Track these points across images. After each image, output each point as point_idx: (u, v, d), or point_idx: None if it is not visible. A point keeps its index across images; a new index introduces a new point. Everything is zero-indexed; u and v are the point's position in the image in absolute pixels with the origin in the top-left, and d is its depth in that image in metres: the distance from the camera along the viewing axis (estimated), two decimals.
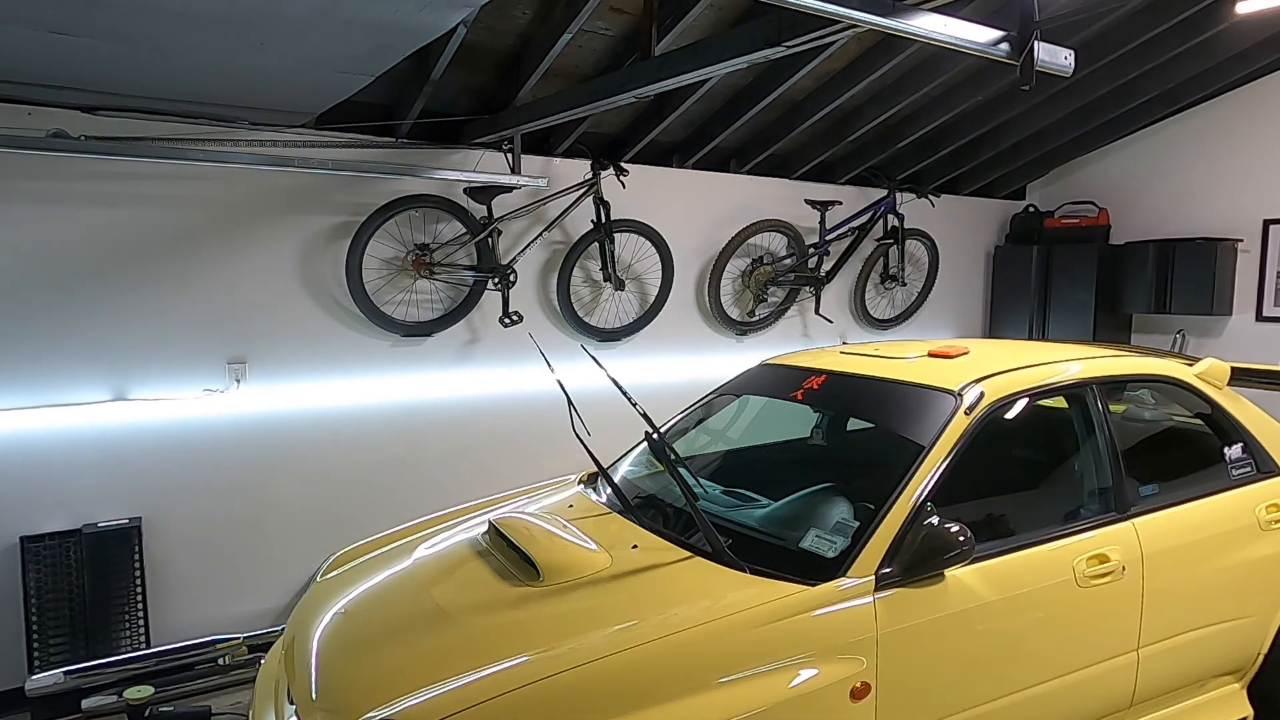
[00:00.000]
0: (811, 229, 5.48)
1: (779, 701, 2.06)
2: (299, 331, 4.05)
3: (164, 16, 2.40)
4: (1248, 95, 5.64)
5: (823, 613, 2.21)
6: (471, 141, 4.23)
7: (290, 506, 4.09)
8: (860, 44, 4.13)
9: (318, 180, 3.99)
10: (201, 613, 3.88)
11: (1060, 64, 2.73)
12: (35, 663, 3.44)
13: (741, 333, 5.45)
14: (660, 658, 2.06)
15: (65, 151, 3.34)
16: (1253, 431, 3.10)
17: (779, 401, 3.32)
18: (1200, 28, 4.48)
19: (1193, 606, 2.83)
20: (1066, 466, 3.05)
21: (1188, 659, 2.86)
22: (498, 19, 3.53)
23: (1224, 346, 5.76)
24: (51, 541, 3.54)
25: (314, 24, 2.51)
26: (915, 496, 2.40)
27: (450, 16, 2.60)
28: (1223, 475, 3.00)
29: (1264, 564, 2.94)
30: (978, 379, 2.71)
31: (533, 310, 4.68)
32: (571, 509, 3.00)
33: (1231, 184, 5.78)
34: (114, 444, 3.67)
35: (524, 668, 2.02)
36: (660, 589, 2.34)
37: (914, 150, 5.53)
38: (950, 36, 2.55)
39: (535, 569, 2.43)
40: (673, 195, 5.07)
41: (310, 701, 2.20)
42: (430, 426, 4.43)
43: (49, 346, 3.52)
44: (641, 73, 3.17)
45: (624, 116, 4.56)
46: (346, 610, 2.55)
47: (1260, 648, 3.01)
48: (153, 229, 3.68)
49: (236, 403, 3.91)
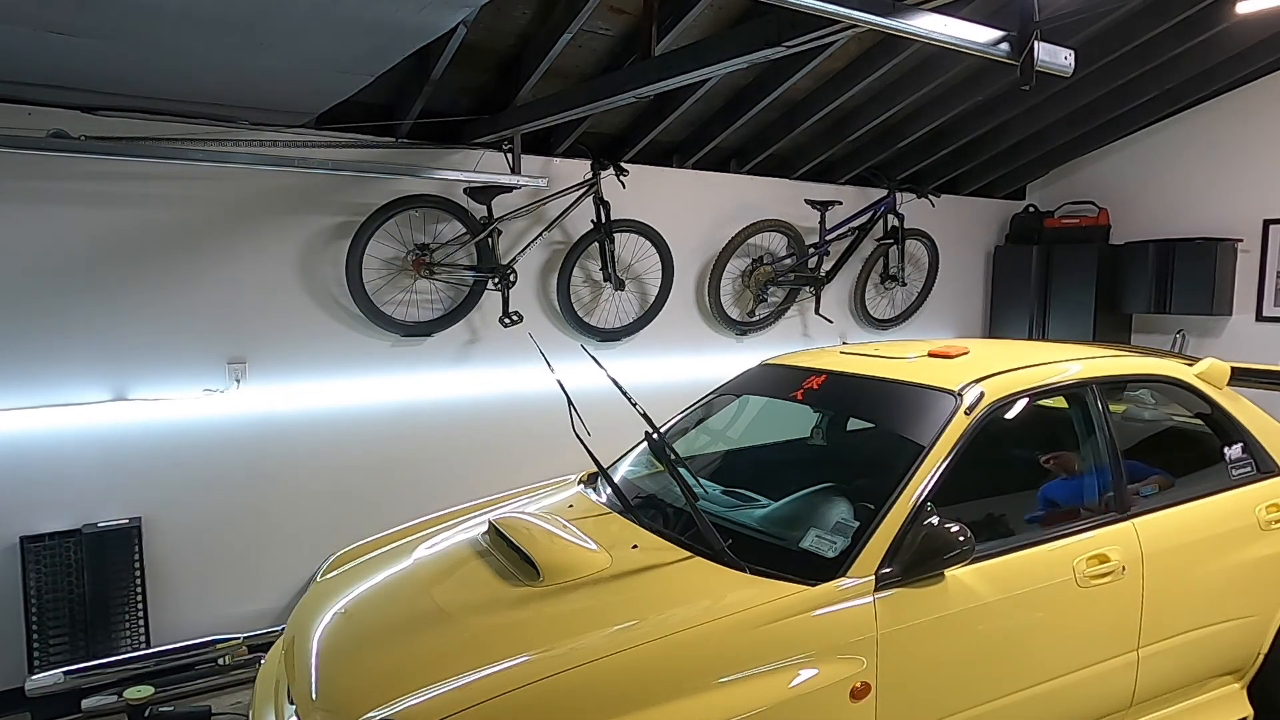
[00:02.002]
0: (811, 229, 5.48)
1: (779, 701, 2.06)
2: (299, 331, 4.05)
3: (164, 16, 2.40)
4: (1247, 95, 5.64)
5: (823, 613, 2.21)
6: (471, 141, 4.23)
7: (290, 506, 4.09)
8: (860, 44, 4.13)
9: (318, 180, 3.99)
10: (201, 613, 3.88)
11: (1060, 64, 2.73)
12: (35, 663, 3.44)
13: (741, 333, 5.45)
14: (660, 658, 2.06)
15: (65, 151, 3.34)
16: (1253, 431, 3.10)
17: (779, 401, 3.32)
18: (1200, 28, 4.48)
19: (1193, 606, 2.83)
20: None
21: (1188, 659, 2.86)
22: (498, 19, 3.53)
23: (1224, 346, 5.76)
24: (51, 541, 3.54)
25: (314, 24, 2.51)
26: (915, 496, 2.40)
27: (450, 16, 2.60)
28: (1223, 475, 3.01)
29: (1264, 564, 2.94)
30: (978, 379, 2.71)
31: (533, 310, 4.68)
32: (571, 509, 3.00)
33: (1231, 184, 5.78)
34: (114, 444, 3.67)
35: (524, 668, 2.02)
36: (660, 589, 2.34)
37: (914, 150, 5.53)
38: (950, 36, 2.55)
39: (535, 569, 2.43)
40: (673, 195, 5.07)
41: (310, 701, 2.20)
42: (430, 426, 4.43)
43: (49, 346, 3.52)
44: (641, 73, 3.17)
45: (624, 116, 4.56)
46: (346, 610, 2.55)
47: (1260, 648, 3.01)
48: (153, 229, 3.68)
49: (236, 403, 3.91)
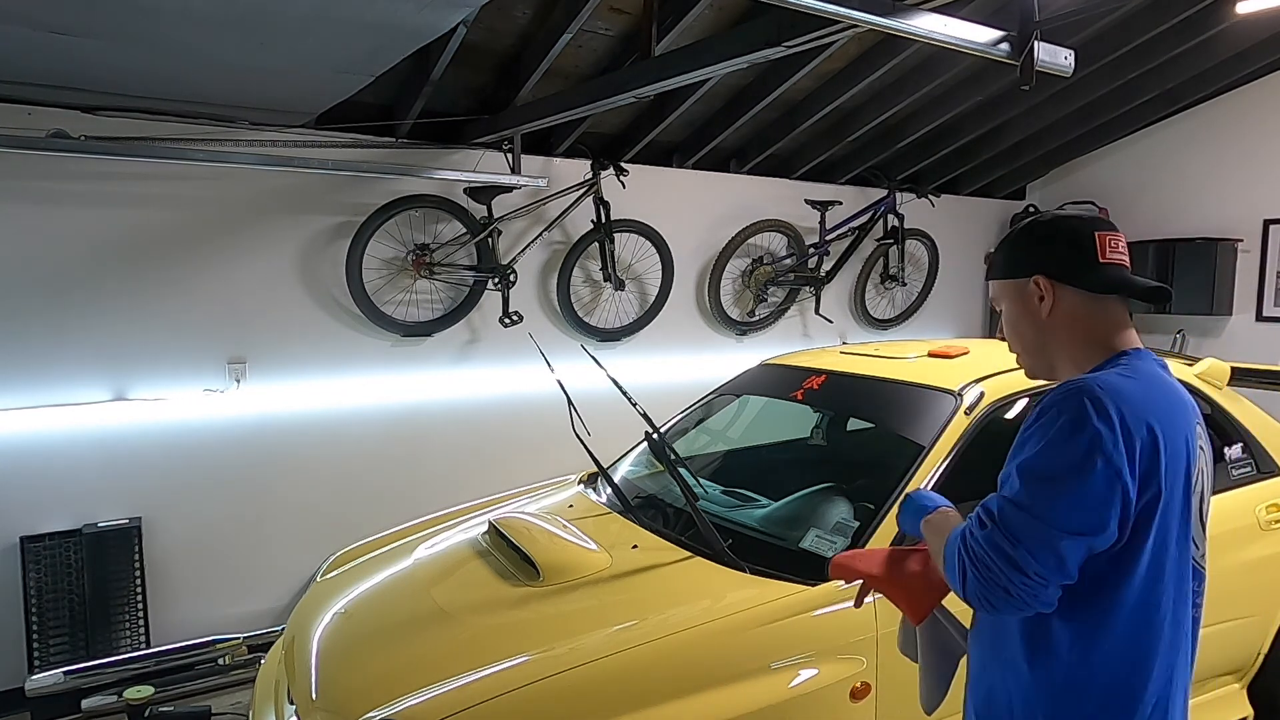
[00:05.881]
0: (811, 229, 5.48)
1: (779, 701, 2.06)
2: (299, 331, 4.05)
3: (164, 16, 2.40)
4: (1247, 95, 5.64)
5: (823, 613, 2.21)
6: (471, 141, 4.23)
7: (290, 506, 4.09)
8: (860, 44, 4.13)
9: (318, 180, 3.99)
10: (201, 613, 3.88)
11: (1060, 64, 2.73)
12: (35, 663, 3.44)
13: (741, 333, 5.45)
14: (660, 658, 2.06)
15: (65, 151, 3.34)
16: (1253, 431, 3.10)
17: (779, 401, 3.32)
18: (1200, 28, 4.47)
19: None
20: None
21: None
22: (498, 19, 3.53)
23: (1224, 346, 5.76)
24: (51, 541, 3.53)
25: (314, 24, 2.52)
26: None
27: (450, 16, 2.60)
28: (1222, 475, 3.00)
29: (1264, 564, 2.94)
30: (978, 379, 2.71)
31: (533, 310, 4.68)
32: (571, 509, 3.00)
33: (1231, 184, 5.78)
34: (114, 444, 3.67)
35: (524, 668, 2.02)
36: (660, 589, 2.34)
37: (914, 150, 5.52)
38: (950, 36, 2.55)
39: (535, 569, 2.43)
40: (673, 195, 5.07)
41: (310, 701, 2.20)
42: (430, 426, 4.43)
43: (49, 346, 3.52)
44: (641, 73, 3.17)
45: (624, 116, 4.55)
46: (346, 610, 2.55)
47: (1260, 648, 3.01)
48: (153, 229, 3.68)
49: (236, 403, 3.91)
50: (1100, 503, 1.27)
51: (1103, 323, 1.44)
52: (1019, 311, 1.50)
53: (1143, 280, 1.46)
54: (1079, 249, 1.44)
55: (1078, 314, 1.45)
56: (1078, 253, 1.44)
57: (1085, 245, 1.44)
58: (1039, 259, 1.47)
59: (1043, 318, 1.47)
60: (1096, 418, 1.28)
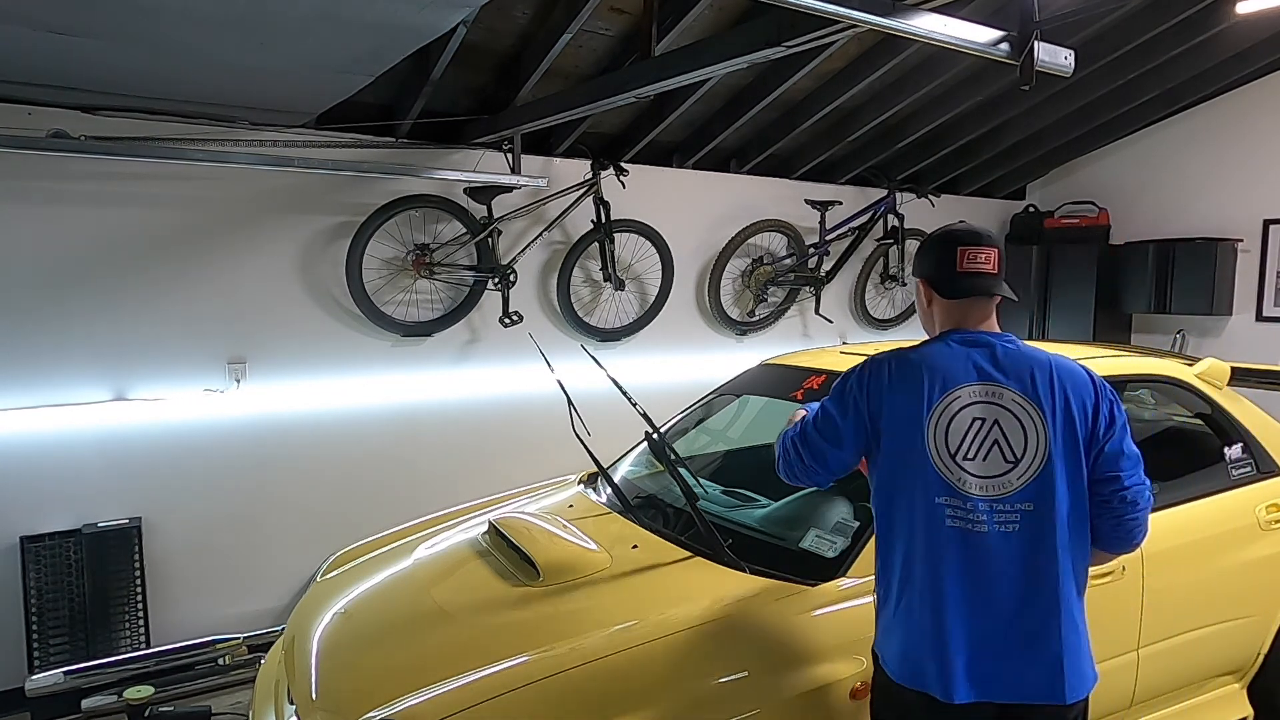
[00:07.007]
0: (811, 229, 5.48)
1: (779, 701, 2.06)
2: (299, 331, 4.05)
3: (164, 16, 2.40)
4: (1247, 95, 5.64)
5: (822, 613, 2.21)
6: (471, 141, 4.23)
7: (290, 506, 4.09)
8: (860, 44, 4.13)
9: (318, 180, 3.98)
10: (201, 613, 3.88)
11: (1060, 64, 2.73)
12: (35, 663, 3.44)
13: (741, 333, 5.45)
14: (660, 658, 2.06)
15: (65, 151, 3.34)
16: (1253, 431, 3.10)
17: (779, 401, 3.32)
18: (1200, 28, 4.47)
19: (1193, 606, 2.82)
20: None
21: (1188, 659, 2.85)
22: (498, 19, 3.53)
23: (1224, 346, 5.75)
24: (51, 541, 3.54)
25: (314, 24, 2.52)
26: None
27: (450, 16, 2.60)
28: (1223, 475, 3.00)
29: (1264, 564, 2.94)
30: None
31: (533, 310, 4.68)
32: (571, 509, 3.00)
33: (1231, 184, 5.78)
34: (114, 444, 3.67)
35: (524, 668, 2.02)
36: (660, 589, 2.34)
37: (914, 150, 5.52)
38: (950, 36, 2.55)
39: (535, 569, 2.43)
40: (673, 195, 5.07)
41: (310, 701, 2.20)
42: (430, 426, 4.43)
43: (49, 346, 3.52)
44: (641, 73, 3.17)
45: (624, 116, 4.55)
46: (346, 610, 2.56)
47: (1260, 648, 3.01)
48: (153, 229, 3.68)
49: (236, 403, 3.91)
50: (838, 423, 1.90)
51: (957, 315, 1.92)
52: (917, 299, 2.05)
53: (998, 287, 1.92)
54: (941, 261, 1.92)
55: (942, 306, 1.95)
56: (940, 264, 1.93)
57: (947, 258, 1.90)
58: (919, 267, 2.00)
59: (925, 307, 2.01)
60: (855, 373, 1.93)
